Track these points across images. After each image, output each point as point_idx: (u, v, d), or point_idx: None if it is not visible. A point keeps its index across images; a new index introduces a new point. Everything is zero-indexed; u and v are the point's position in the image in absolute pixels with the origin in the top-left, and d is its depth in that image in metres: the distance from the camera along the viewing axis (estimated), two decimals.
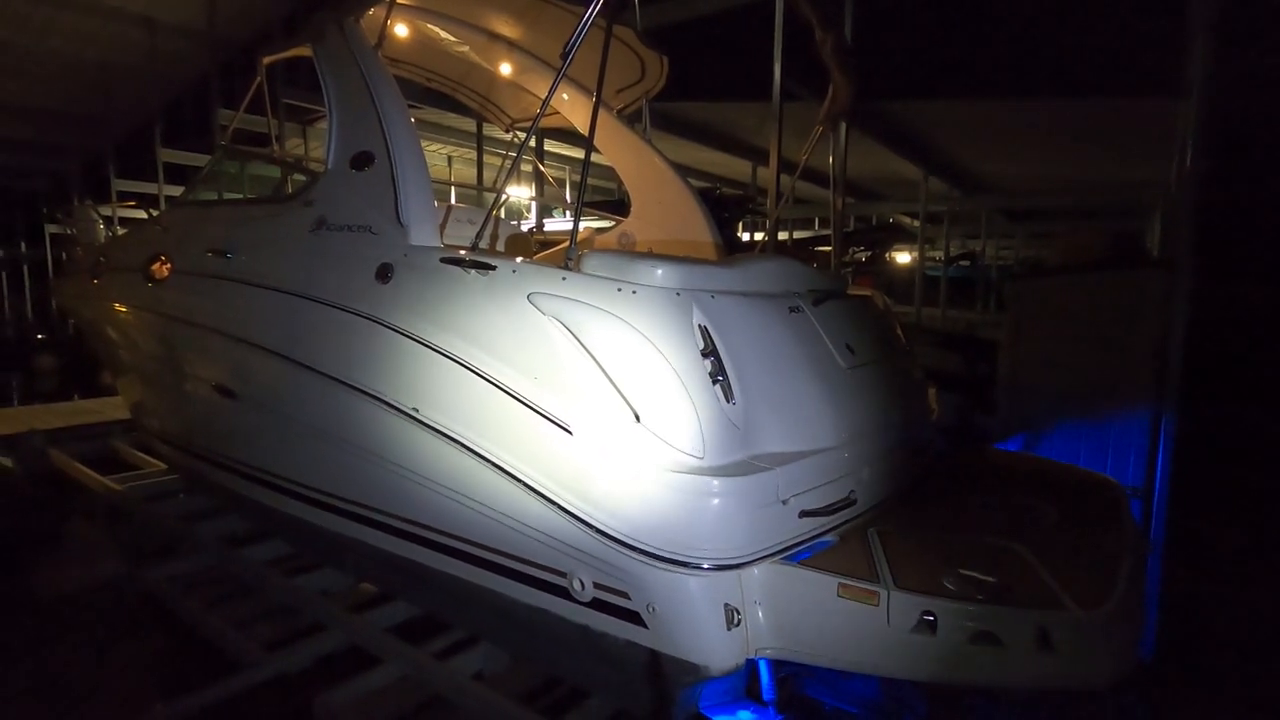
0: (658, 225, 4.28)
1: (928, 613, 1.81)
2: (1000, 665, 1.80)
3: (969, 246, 18.56)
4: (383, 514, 2.67)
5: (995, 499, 2.54)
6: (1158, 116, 4.20)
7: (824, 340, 2.42)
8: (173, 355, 3.61)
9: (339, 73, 2.94)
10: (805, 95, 6.16)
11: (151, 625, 3.16)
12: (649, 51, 3.89)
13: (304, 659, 2.74)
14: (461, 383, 2.25)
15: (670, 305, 2.07)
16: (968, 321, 11.39)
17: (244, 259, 3.14)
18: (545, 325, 2.12)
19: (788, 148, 5.61)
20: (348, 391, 2.56)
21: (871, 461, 2.35)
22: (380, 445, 2.54)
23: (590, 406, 2.02)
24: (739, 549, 1.94)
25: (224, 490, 3.60)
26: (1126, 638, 1.94)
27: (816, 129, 3.51)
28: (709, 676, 1.99)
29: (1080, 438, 3.85)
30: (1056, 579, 1.91)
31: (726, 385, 2.03)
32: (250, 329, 3.00)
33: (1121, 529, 2.36)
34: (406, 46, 4.14)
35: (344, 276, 2.66)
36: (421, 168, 2.69)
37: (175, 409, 3.90)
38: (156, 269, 3.58)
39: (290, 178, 3.78)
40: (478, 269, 2.32)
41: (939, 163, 10.94)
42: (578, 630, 2.20)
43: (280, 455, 3.10)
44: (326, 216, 2.84)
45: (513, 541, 2.26)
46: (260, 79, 3.72)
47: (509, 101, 5.01)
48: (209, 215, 3.75)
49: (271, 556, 3.45)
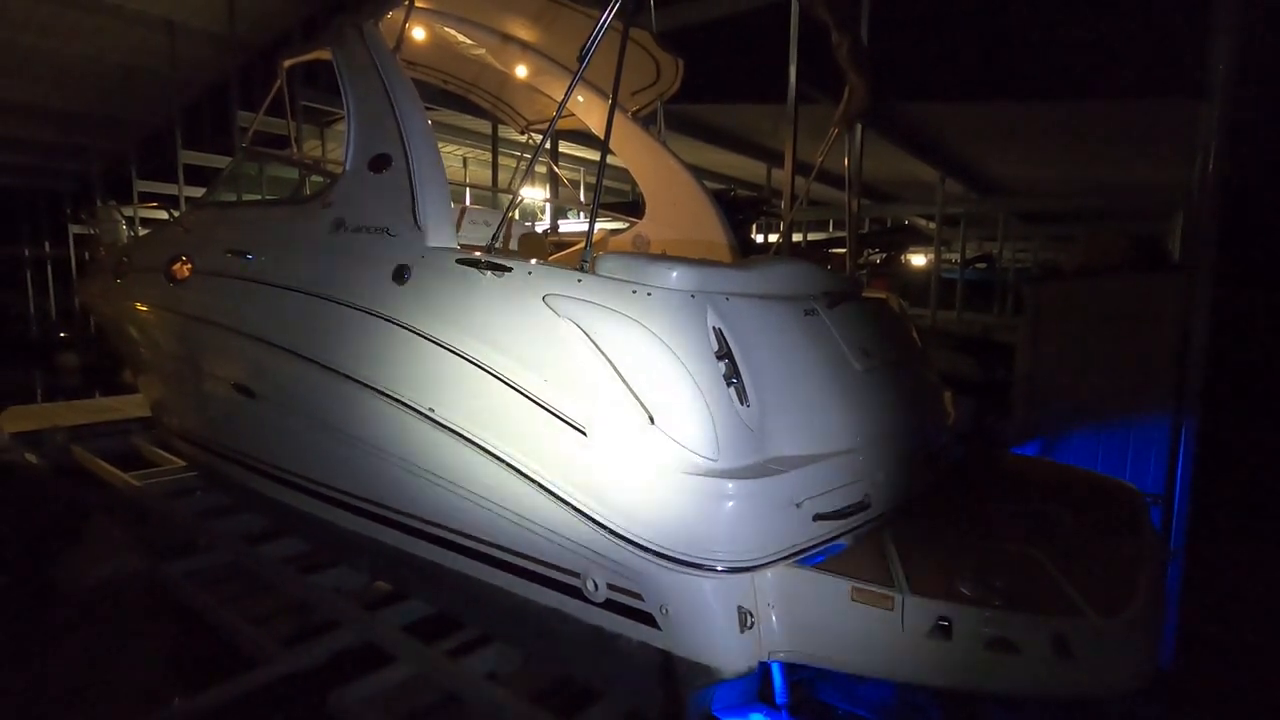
0: (672, 227, 4.29)
1: (943, 618, 1.80)
2: (1016, 672, 1.79)
3: (986, 249, 18.37)
4: (398, 512, 2.70)
5: (1012, 504, 2.51)
6: (1180, 118, 4.14)
7: (839, 343, 2.41)
8: (192, 354, 3.66)
9: (357, 76, 2.97)
10: (821, 98, 6.13)
11: (170, 620, 3.20)
12: (664, 54, 3.89)
13: (319, 656, 2.76)
14: (477, 383, 2.26)
15: (685, 307, 2.07)
16: (984, 325, 11.29)
17: (263, 260, 3.18)
18: (560, 327, 2.13)
19: (803, 150, 5.59)
20: (364, 391, 2.59)
21: (886, 465, 2.34)
22: (396, 445, 2.56)
23: (605, 408, 2.03)
24: (752, 552, 1.94)
25: (241, 487, 3.65)
26: (1145, 645, 1.91)
27: (832, 131, 3.50)
28: (721, 679, 1.99)
29: (1098, 443, 3.81)
30: (1075, 585, 1.89)
31: (741, 388, 2.03)
32: (269, 329, 3.04)
33: (1141, 536, 2.33)
34: (423, 49, 4.18)
35: (361, 277, 2.69)
36: (438, 170, 2.71)
37: (194, 407, 3.95)
38: (177, 269, 3.64)
39: (309, 180, 3.82)
40: (493, 270, 2.33)
41: (956, 165, 10.86)
42: (591, 631, 2.20)
43: (297, 453, 3.14)
44: (345, 218, 2.87)
45: (527, 541, 2.27)
46: (281, 82, 3.77)
47: (524, 103, 5.03)
48: (229, 216, 3.80)
49: (288, 554, 3.48)
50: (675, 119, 8.38)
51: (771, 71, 5.77)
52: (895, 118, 8.11)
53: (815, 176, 3.80)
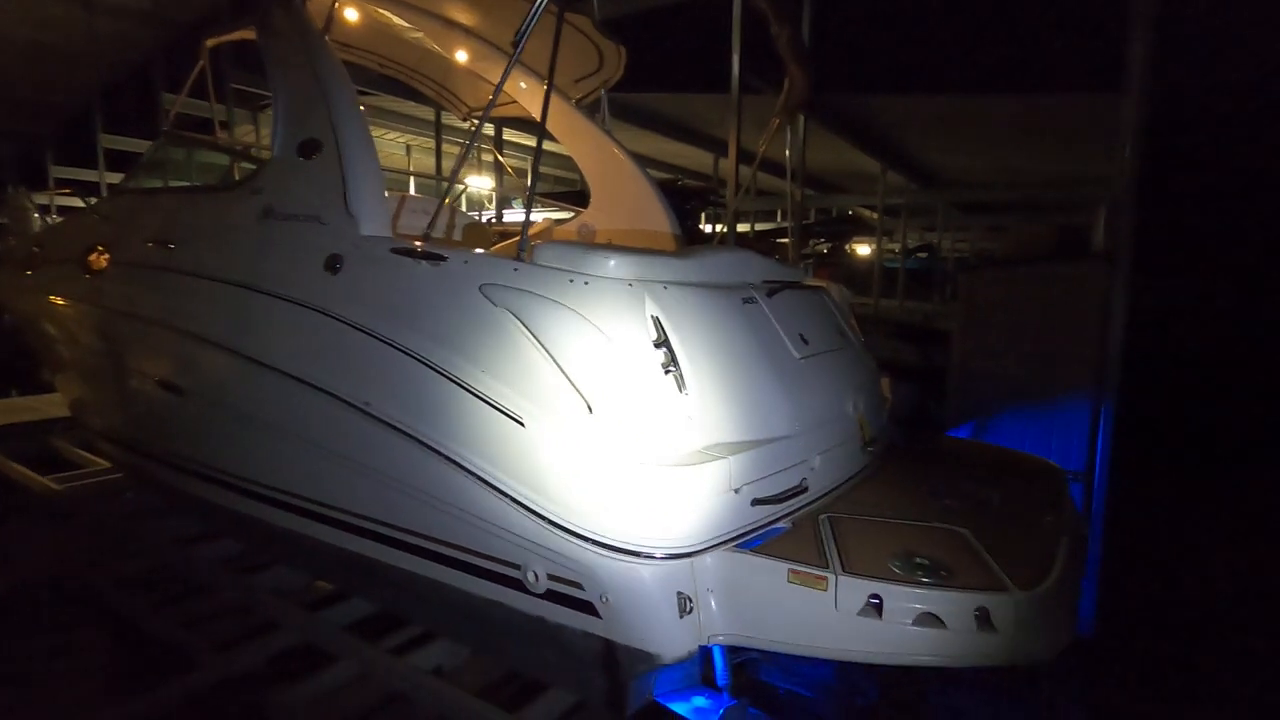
0: (618, 216, 4.27)
1: (874, 596, 1.86)
2: (944, 645, 1.86)
3: (927, 239, 18.91)
4: (335, 510, 2.63)
5: (943, 485, 2.61)
6: (1105, 114, 4.33)
7: (777, 331, 2.45)
8: (114, 350, 3.48)
9: (284, 57, 2.86)
10: (765, 87, 6.20)
11: (97, 628, 3.05)
12: (607, 41, 3.86)
13: (257, 659, 2.68)
14: (413, 376, 2.22)
15: (623, 296, 2.07)
16: (925, 312, 11.62)
17: (188, 249, 3.04)
18: (497, 317, 2.10)
19: (749, 140, 5.65)
20: (297, 385, 2.51)
21: (823, 450, 2.40)
22: (331, 440, 2.49)
23: (543, 398, 2.01)
24: (692, 538, 1.96)
25: (172, 488, 3.50)
26: (1063, 615, 2.02)
27: (774, 121, 3.54)
28: (662, 664, 2.01)
29: (1027, 424, 3.98)
30: (998, 561, 1.98)
31: (679, 376, 2.05)
32: (194, 322, 2.91)
33: (1061, 512, 2.45)
34: (357, 31, 4.03)
35: (292, 267, 2.60)
36: (371, 156, 2.63)
37: (118, 406, 3.76)
38: (94, 260, 3.45)
39: (239, 165, 3.67)
40: (429, 260, 2.29)
41: (897, 156, 11.14)
42: (533, 622, 2.20)
43: (229, 452, 3.02)
44: (273, 205, 2.76)
45: (466, 534, 2.24)
46: (204, 63, 3.60)
47: (466, 90, 4.92)
48: (151, 204, 3.62)
49: (222, 555, 3.36)
50: (621, 108, 8.35)
51: (716, 61, 5.80)
52: (838, 109, 8.26)
53: (762, 167, 3.84)
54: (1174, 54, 3.69)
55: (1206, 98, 7.45)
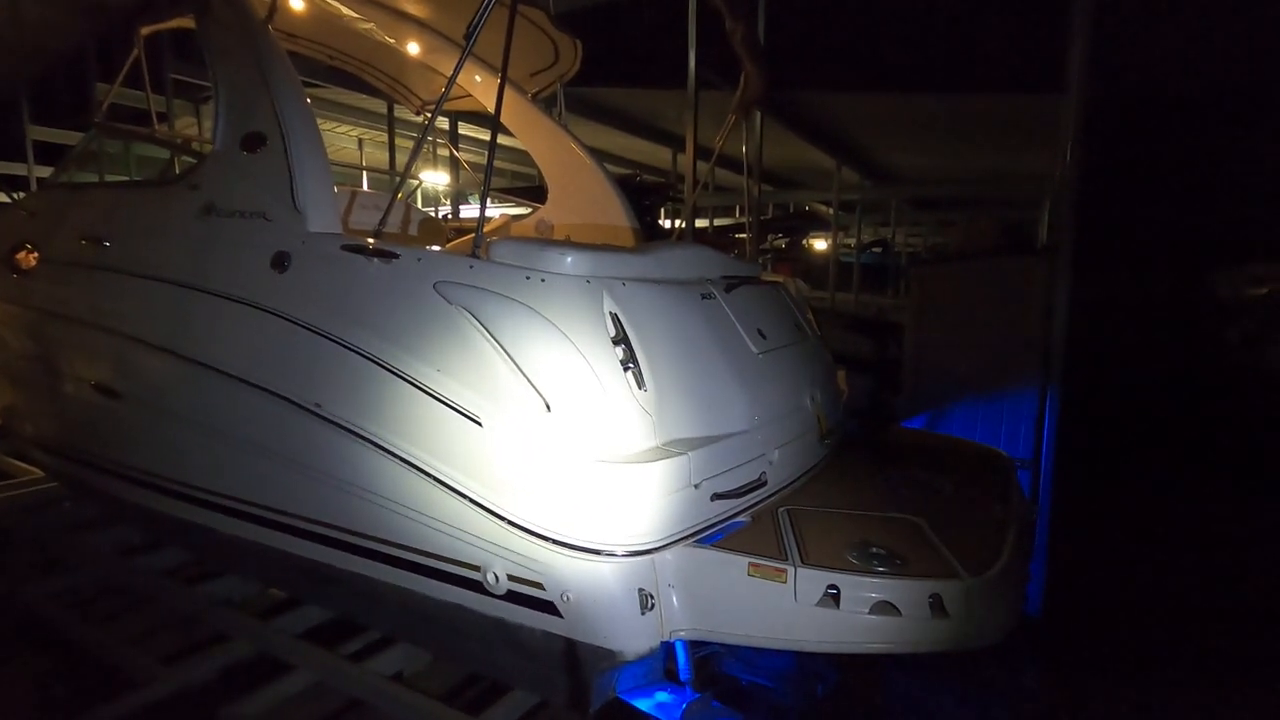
0: (576, 212, 4.24)
1: (831, 586, 1.89)
2: (900, 632, 1.90)
3: (881, 234, 19.33)
4: (286, 515, 2.55)
5: (898, 475, 2.67)
6: (1048, 112, 4.48)
7: (735, 326, 2.47)
8: (45, 353, 3.31)
9: (225, 47, 2.75)
10: (721, 83, 6.22)
11: (35, 646, 2.91)
12: (562, 35, 3.82)
13: (208, 671, 2.59)
14: (366, 376, 2.16)
15: (580, 293, 2.05)
16: (879, 306, 11.87)
17: (123, 246, 2.91)
18: (452, 315, 2.06)
19: (706, 135, 5.66)
20: (243, 387, 2.42)
21: (782, 443, 2.42)
22: (280, 443, 2.42)
23: (500, 397, 1.99)
24: (652, 534, 1.96)
25: (111, 497, 3.34)
26: (1011, 598, 2.09)
27: (730, 117, 3.56)
28: (625, 661, 2.01)
29: (977, 414, 4.10)
30: (950, 548, 2.03)
31: (638, 372, 2.04)
32: (131, 323, 2.79)
33: (1009, 498, 2.54)
34: (304, 21, 3.91)
35: (236, 265, 2.51)
36: (318, 150, 2.56)
37: (50, 411, 3.58)
38: (22, 259, 3.27)
39: (179, 159, 3.52)
40: (381, 257, 2.23)
41: (851, 153, 11.32)
42: (493, 624, 2.17)
43: (171, 458, 2.90)
44: (215, 201, 2.66)
45: (423, 537, 2.20)
46: (138, 52, 3.44)
47: (420, 83, 4.82)
48: (83, 199, 3.44)
49: (168, 565, 3.24)
50: (578, 102, 8.28)
51: (672, 56, 5.80)
52: (793, 105, 8.35)
53: (720, 162, 3.86)
54: (1113, 55, 3.83)
55: (1144, 97, 7.76)
